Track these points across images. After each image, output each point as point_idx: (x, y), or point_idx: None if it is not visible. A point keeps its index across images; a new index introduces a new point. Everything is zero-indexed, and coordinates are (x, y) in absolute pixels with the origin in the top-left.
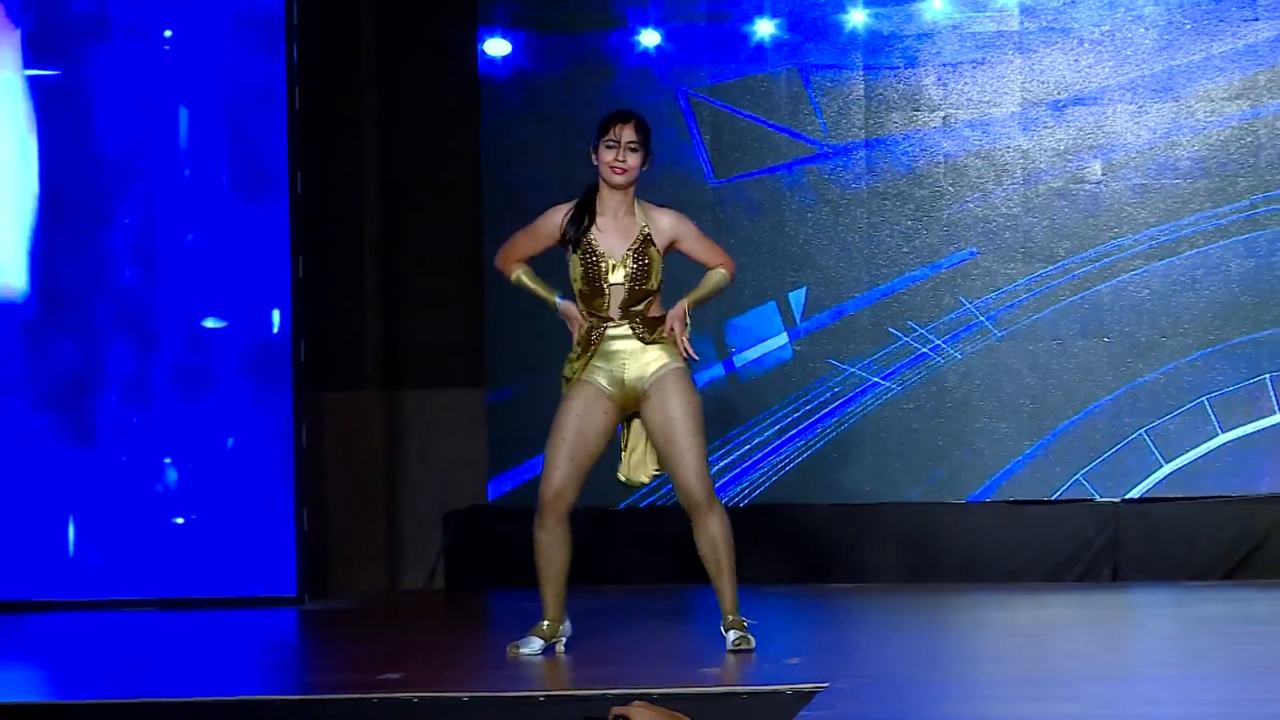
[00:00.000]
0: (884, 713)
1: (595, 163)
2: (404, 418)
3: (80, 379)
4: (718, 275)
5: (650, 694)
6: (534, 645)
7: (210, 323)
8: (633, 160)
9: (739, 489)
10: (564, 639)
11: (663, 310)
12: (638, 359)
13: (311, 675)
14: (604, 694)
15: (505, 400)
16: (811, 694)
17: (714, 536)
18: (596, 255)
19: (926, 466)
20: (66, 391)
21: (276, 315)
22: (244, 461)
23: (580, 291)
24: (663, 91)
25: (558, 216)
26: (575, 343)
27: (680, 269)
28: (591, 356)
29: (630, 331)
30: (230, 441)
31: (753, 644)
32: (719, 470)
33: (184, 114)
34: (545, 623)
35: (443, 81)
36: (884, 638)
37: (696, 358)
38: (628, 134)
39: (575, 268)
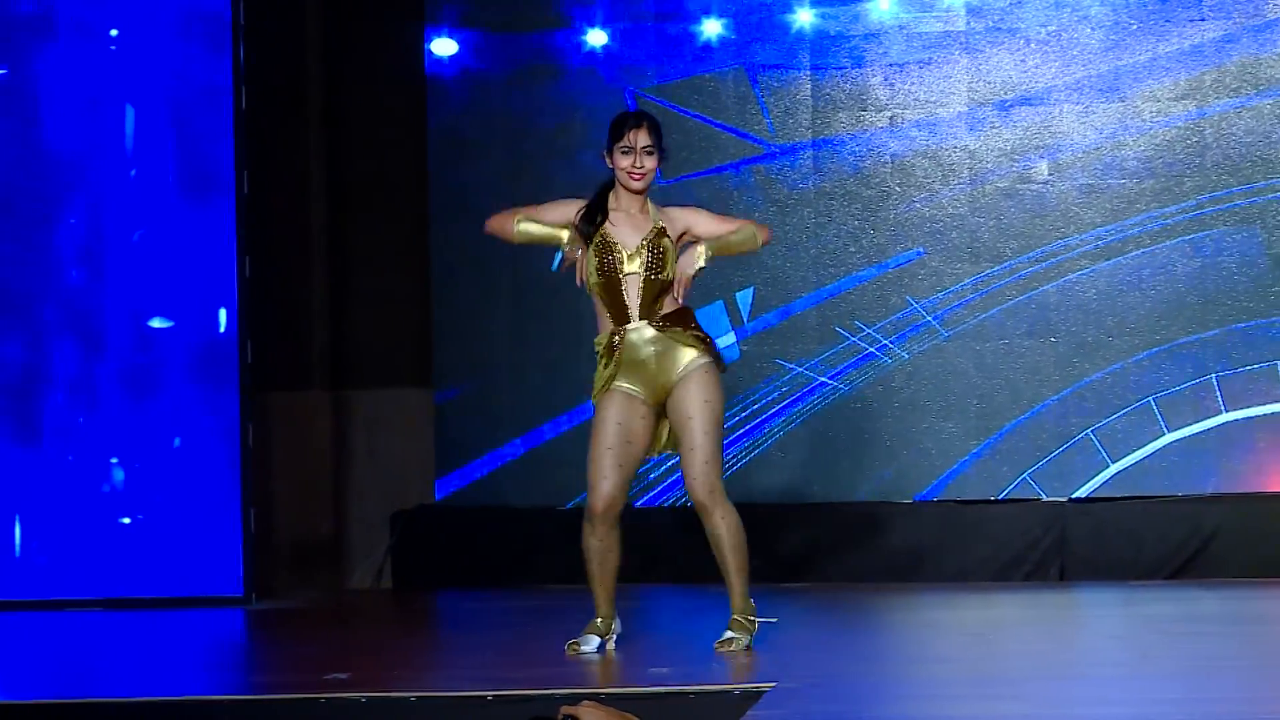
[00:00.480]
0: (831, 712)
1: (610, 165)
2: (351, 417)
3: (26, 379)
4: (745, 229)
5: (598, 694)
6: (592, 643)
7: (157, 322)
8: (649, 163)
9: (684, 489)
10: (615, 635)
11: (680, 305)
12: (665, 360)
13: (258, 675)
14: (552, 694)
15: (452, 400)
16: (759, 694)
17: (714, 535)
18: (610, 246)
19: (874, 466)
20: (12, 392)
21: (223, 315)
22: (191, 461)
23: (598, 285)
24: (609, 91)
25: (573, 207)
26: (595, 345)
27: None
28: (616, 369)
29: (655, 331)
30: (177, 441)
31: (736, 645)
32: (666, 471)
33: (130, 113)
34: (599, 620)
35: (390, 81)
36: (831, 637)
37: (678, 300)
38: (643, 138)
39: (590, 262)
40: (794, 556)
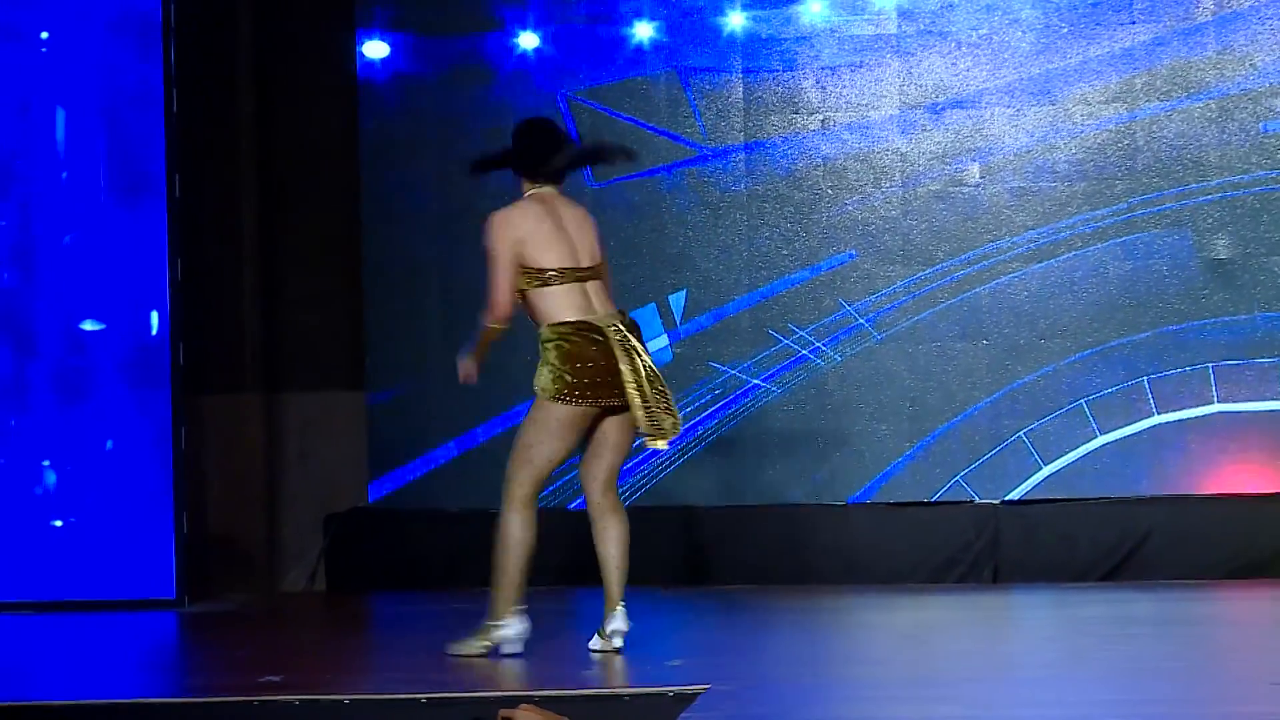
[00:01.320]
0: (765, 714)
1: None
2: (283, 420)
3: None
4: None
5: (533, 696)
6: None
7: (88, 325)
8: None
9: (619, 490)
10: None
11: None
12: None
13: (192, 678)
14: (486, 696)
15: (385, 402)
16: (693, 696)
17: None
18: None
19: (807, 469)
20: None
21: (155, 317)
22: (123, 464)
23: None
24: (541, 94)
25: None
26: None
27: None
28: None
29: None
30: (109, 444)
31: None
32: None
33: (61, 115)
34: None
35: (321, 83)
36: (765, 640)
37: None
38: None
39: None
40: (726, 559)
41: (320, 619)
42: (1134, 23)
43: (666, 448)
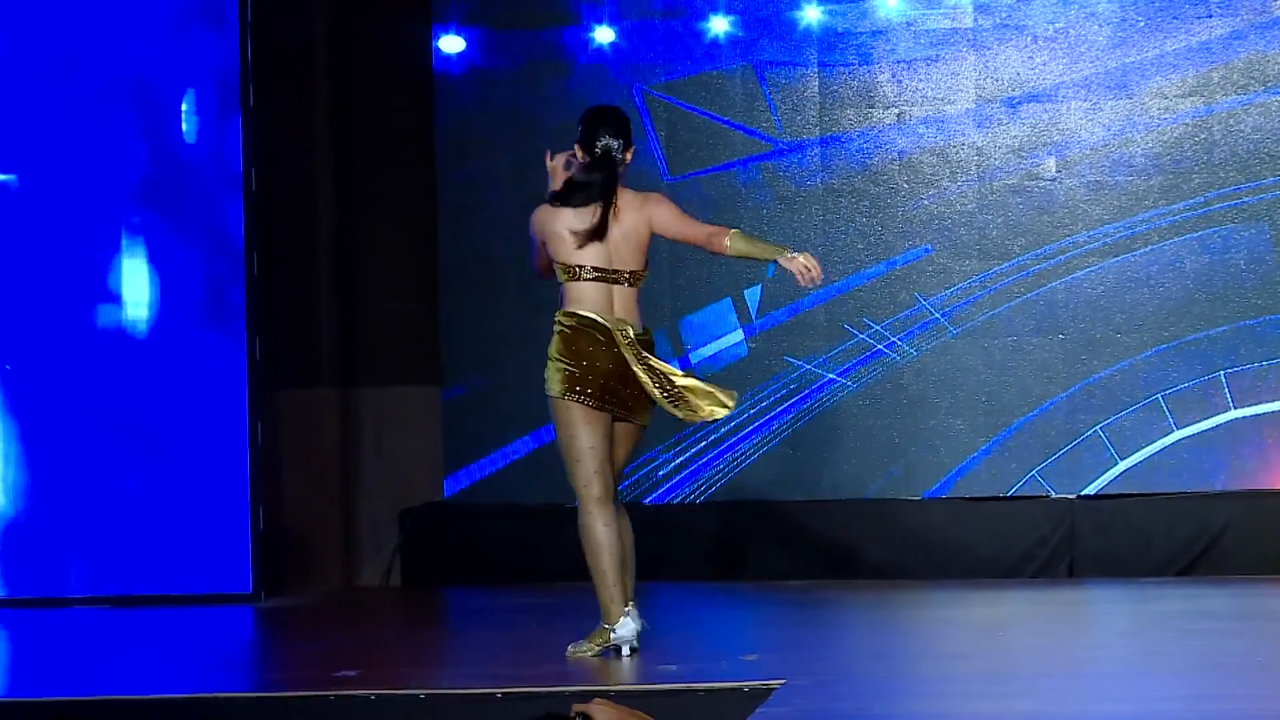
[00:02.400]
0: (841, 710)
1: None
2: (359, 414)
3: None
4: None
5: (608, 691)
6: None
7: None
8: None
9: (694, 486)
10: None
11: None
12: None
13: (268, 673)
14: (561, 691)
15: (460, 397)
16: (768, 691)
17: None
18: None
19: (882, 463)
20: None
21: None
22: (200, 458)
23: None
24: (617, 88)
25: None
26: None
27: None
28: None
29: None
30: (187, 438)
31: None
32: (675, 467)
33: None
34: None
35: (397, 78)
36: (840, 634)
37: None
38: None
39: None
40: (802, 553)
41: (395, 614)
42: (1210, 16)
43: (716, 417)
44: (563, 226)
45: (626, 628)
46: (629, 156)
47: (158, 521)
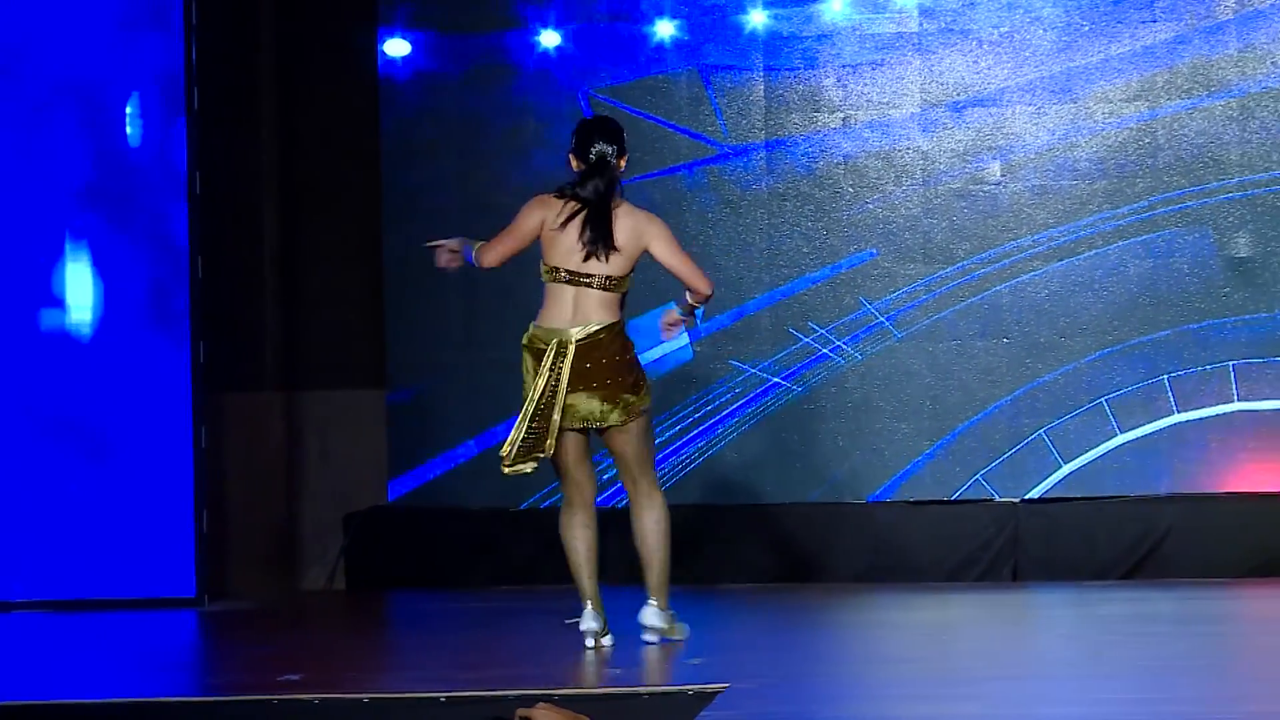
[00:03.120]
0: (785, 713)
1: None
2: (304, 418)
3: None
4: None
5: (552, 695)
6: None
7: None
8: None
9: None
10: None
11: None
12: None
13: (211, 677)
14: (505, 695)
15: (405, 401)
16: (713, 695)
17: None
18: None
19: (827, 467)
20: None
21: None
22: (144, 462)
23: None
24: (563, 92)
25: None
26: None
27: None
28: None
29: None
30: (130, 442)
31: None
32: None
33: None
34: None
35: (342, 82)
36: (785, 638)
37: None
38: None
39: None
40: (747, 557)
41: (340, 617)
42: (1155, 21)
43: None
44: (562, 234)
45: (586, 625)
46: (623, 164)
47: (101, 525)
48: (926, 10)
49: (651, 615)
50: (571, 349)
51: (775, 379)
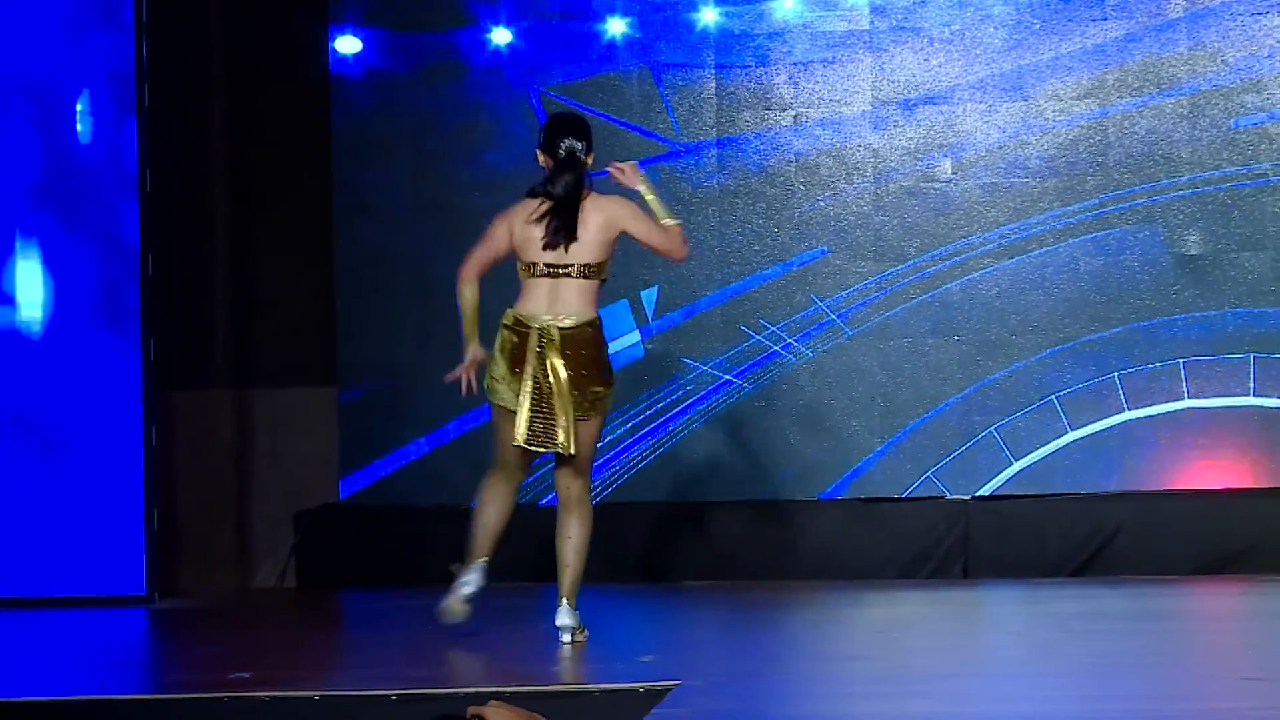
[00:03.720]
0: (736, 711)
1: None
2: (254, 416)
3: None
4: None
5: (503, 692)
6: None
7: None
8: None
9: (592, 487)
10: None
11: None
12: None
13: (162, 675)
14: (456, 693)
15: (356, 399)
16: (664, 692)
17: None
18: None
19: (778, 464)
20: None
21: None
22: (93, 460)
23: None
24: (514, 90)
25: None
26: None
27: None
28: None
29: None
30: (79, 439)
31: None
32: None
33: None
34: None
35: (293, 79)
36: (736, 635)
37: None
38: None
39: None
40: (699, 554)
41: (290, 615)
42: (1106, 19)
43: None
44: (534, 227)
45: (470, 582)
46: (590, 160)
47: (51, 523)
48: (878, 8)
49: (566, 615)
50: (556, 336)
51: (727, 376)
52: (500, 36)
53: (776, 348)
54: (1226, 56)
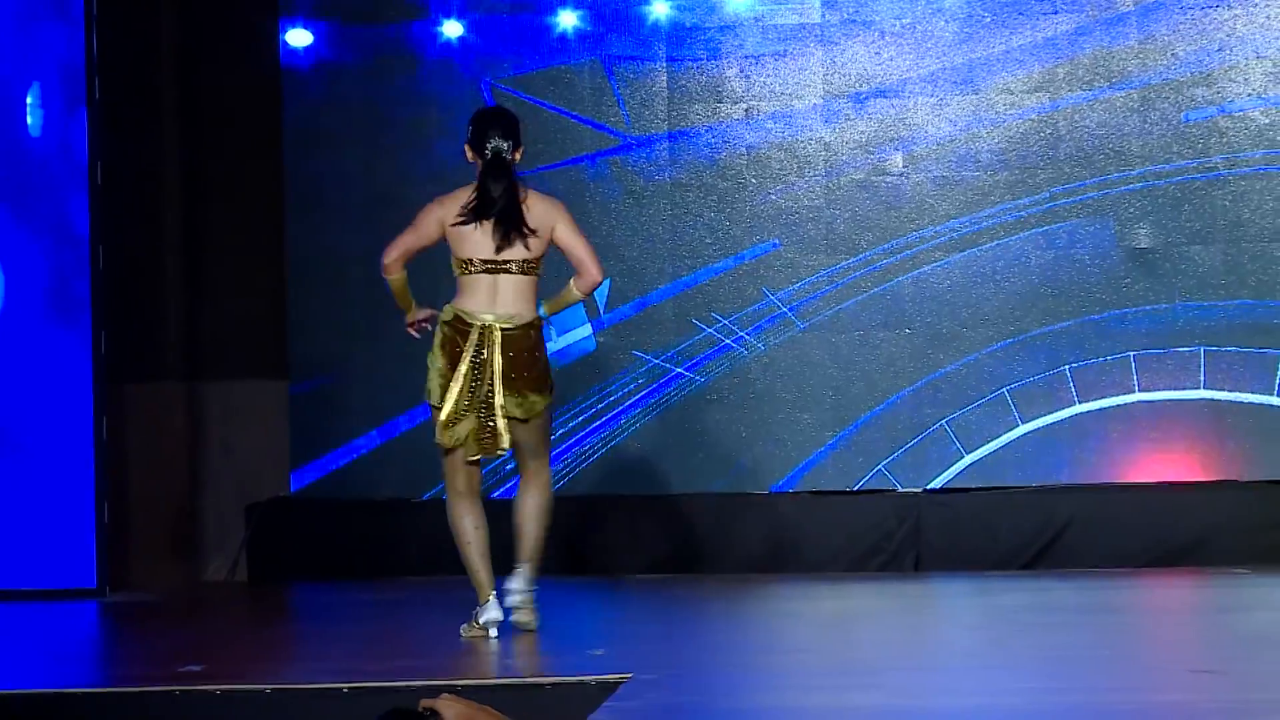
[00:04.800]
0: (688, 703)
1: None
2: (206, 409)
3: None
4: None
5: (455, 685)
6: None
7: None
8: None
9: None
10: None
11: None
12: None
13: (113, 668)
14: (408, 686)
15: (307, 392)
16: (615, 685)
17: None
18: None
19: (730, 457)
20: None
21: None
22: (44, 452)
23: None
24: (466, 83)
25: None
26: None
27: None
28: None
29: None
30: (30, 432)
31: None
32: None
33: None
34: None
35: (244, 71)
36: (687, 628)
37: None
38: None
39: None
40: (650, 547)
41: (242, 609)
42: (1056, 12)
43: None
44: (471, 228)
45: (490, 611)
46: (519, 156)
47: (1, 516)
48: (829, 1)
49: (518, 580)
50: (498, 336)
51: (678, 369)
52: (451, 29)
53: (728, 341)
54: (1177, 50)
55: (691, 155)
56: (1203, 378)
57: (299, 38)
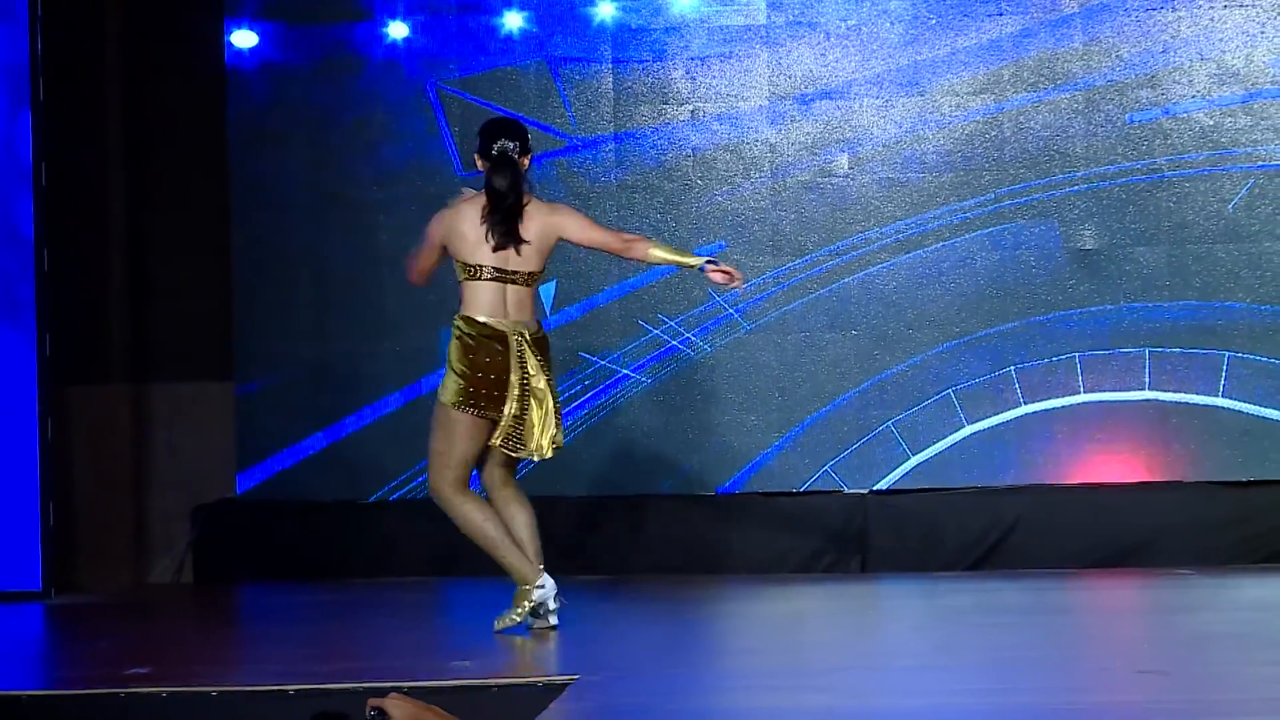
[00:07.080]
0: (634, 705)
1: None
2: (151, 410)
3: None
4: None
5: (401, 687)
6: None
7: None
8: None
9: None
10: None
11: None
12: None
13: (58, 670)
14: (355, 688)
15: (253, 393)
16: (562, 686)
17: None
18: None
19: (676, 459)
20: None
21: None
22: None
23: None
24: (412, 84)
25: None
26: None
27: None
28: None
29: None
30: None
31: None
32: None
33: None
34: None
35: (189, 73)
36: (634, 630)
37: None
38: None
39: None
40: (596, 549)
41: (187, 611)
42: (1001, 14)
43: (534, 458)
44: (469, 227)
45: (545, 587)
46: (527, 161)
47: None
48: (774, 3)
49: (549, 581)
50: (530, 343)
51: (625, 371)
52: (397, 30)
53: (674, 342)
54: (1121, 52)
55: (637, 157)
56: (1148, 379)
57: (244, 39)
